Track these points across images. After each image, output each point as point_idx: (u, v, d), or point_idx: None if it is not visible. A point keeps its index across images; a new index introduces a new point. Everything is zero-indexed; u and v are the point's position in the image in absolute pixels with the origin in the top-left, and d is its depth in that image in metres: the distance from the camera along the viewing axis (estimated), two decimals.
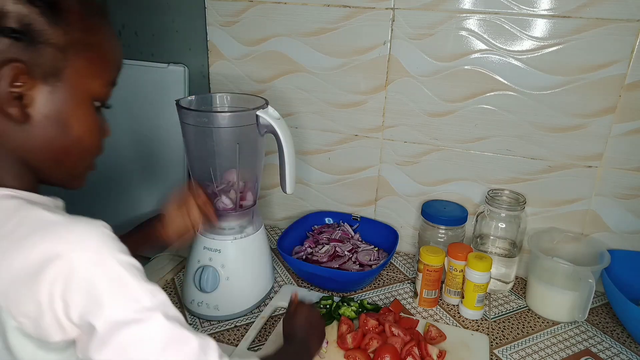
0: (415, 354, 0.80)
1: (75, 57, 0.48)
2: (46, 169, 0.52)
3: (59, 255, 0.43)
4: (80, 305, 0.43)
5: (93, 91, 0.52)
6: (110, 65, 0.54)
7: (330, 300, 0.95)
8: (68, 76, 0.48)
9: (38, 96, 0.48)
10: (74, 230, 0.45)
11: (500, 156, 1.05)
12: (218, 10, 1.15)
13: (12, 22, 0.44)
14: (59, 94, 0.48)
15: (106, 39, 0.52)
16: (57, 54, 0.47)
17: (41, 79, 0.47)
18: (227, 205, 0.92)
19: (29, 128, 0.48)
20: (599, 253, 0.98)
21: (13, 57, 0.45)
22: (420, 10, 1.00)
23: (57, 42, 0.47)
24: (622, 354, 0.88)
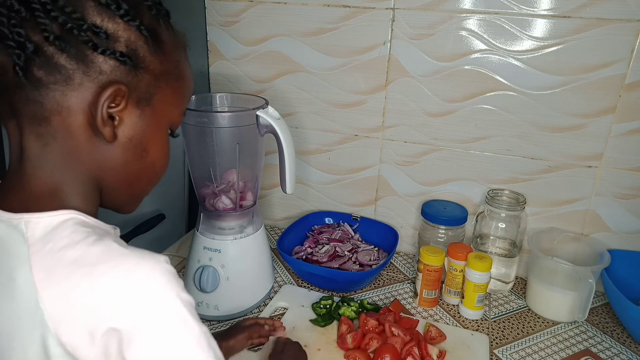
0: (415, 354, 0.80)
1: (165, 86, 0.51)
2: (114, 190, 0.53)
3: (125, 291, 0.42)
4: (138, 342, 0.42)
5: (171, 119, 0.54)
6: (187, 95, 0.56)
7: (330, 300, 0.95)
8: (156, 103, 0.51)
9: (127, 118, 0.49)
10: (142, 266, 0.44)
11: (500, 156, 1.05)
12: (218, 10, 1.15)
13: (122, 46, 0.46)
14: (145, 118, 0.50)
15: (187, 71, 0.55)
16: (152, 81, 0.49)
17: (134, 103, 0.49)
18: (227, 205, 0.92)
19: (111, 148, 0.49)
20: (599, 253, 0.98)
21: (117, 79, 0.46)
22: (420, 10, 1.00)
23: (154, 69, 0.49)
24: (622, 354, 0.88)
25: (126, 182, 0.53)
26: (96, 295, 0.42)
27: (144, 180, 0.55)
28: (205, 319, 0.93)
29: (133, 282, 0.43)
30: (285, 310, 0.96)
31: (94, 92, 0.46)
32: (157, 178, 0.57)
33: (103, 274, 0.43)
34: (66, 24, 0.43)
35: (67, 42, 0.43)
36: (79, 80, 0.45)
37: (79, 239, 0.45)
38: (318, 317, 0.93)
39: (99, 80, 0.46)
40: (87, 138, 0.48)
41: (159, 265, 0.45)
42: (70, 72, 0.45)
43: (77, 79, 0.45)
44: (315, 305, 0.95)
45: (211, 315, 0.92)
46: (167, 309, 0.44)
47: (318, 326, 0.91)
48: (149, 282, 0.44)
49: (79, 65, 0.45)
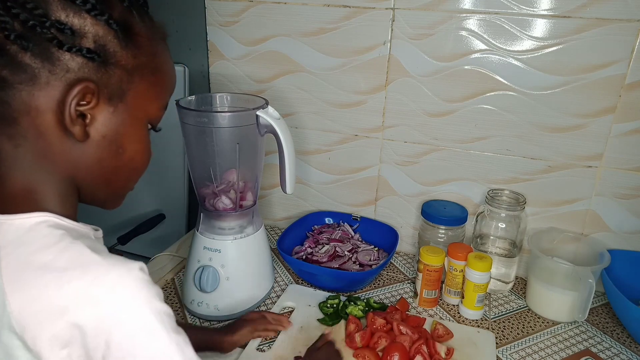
0: (424, 352, 0.81)
1: (140, 80, 0.49)
2: (93, 187, 0.52)
3: (92, 298, 0.42)
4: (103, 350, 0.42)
5: (149, 114, 0.53)
6: (168, 88, 0.55)
7: (337, 299, 0.96)
8: (130, 98, 0.49)
9: (99, 116, 0.48)
10: (111, 273, 0.43)
11: (500, 156, 1.05)
12: (218, 10, 1.15)
13: (89, 42, 0.45)
14: (119, 114, 0.49)
15: (167, 63, 0.54)
16: (125, 76, 0.48)
17: (106, 99, 0.47)
18: (227, 205, 0.92)
19: (84, 146, 0.48)
20: (599, 253, 0.98)
21: (85, 77, 0.45)
22: (420, 10, 1.00)
23: (127, 64, 0.48)
24: (622, 354, 0.88)
25: (103, 179, 0.52)
26: (63, 302, 0.41)
27: (123, 177, 0.54)
28: (205, 319, 0.93)
29: (100, 290, 0.42)
30: (292, 310, 0.96)
31: (62, 90, 0.44)
32: (138, 174, 0.55)
33: (71, 280, 0.42)
34: (28, 21, 0.42)
35: (30, 40, 0.42)
36: (45, 79, 0.44)
37: (51, 242, 0.44)
38: (325, 316, 0.93)
39: (66, 78, 0.44)
40: (59, 137, 0.46)
41: (130, 273, 0.44)
42: (36, 71, 0.43)
43: (43, 77, 0.44)
44: (322, 304, 0.95)
45: (211, 315, 0.92)
46: (134, 318, 0.43)
47: (326, 325, 0.91)
48: (117, 290, 0.43)
49: (45, 64, 0.43)
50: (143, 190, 1.32)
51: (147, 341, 0.43)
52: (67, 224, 0.47)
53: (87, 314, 0.41)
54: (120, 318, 0.42)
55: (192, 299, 0.92)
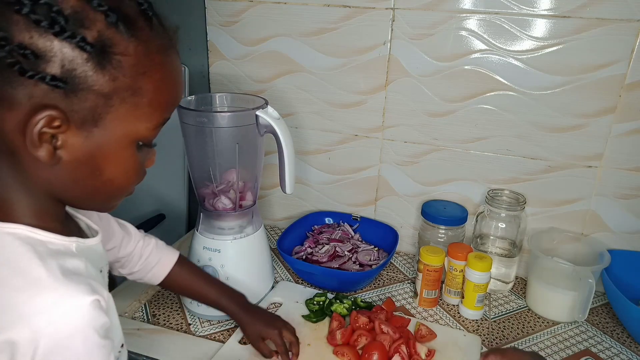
0: (402, 352, 0.80)
1: (120, 104, 0.45)
2: (75, 202, 0.51)
3: (33, 323, 0.42)
4: None
5: (138, 134, 0.48)
6: (163, 107, 0.49)
7: (323, 297, 0.96)
8: (108, 122, 0.45)
9: (71, 139, 0.44)
10: (49, 298, 0.43)
11: (500, 156, 1.05)
12: (218, 10, 1.15)
13: (54, 67, 0.41)
14: (94, 138, 0.45)
15: (164, 80, 0.48)
16: (99, 101, 0.44)
17: (77, 125, 0.44)
18: (226, 205, 0.92)
19: (57, 168, 0.46)
20: (599, 253, 0.98)
21: (50, 103, 0.42)
22: (420, 10, 1.00)
23: (102, 89, 0.43)
24: (622, 354, 0.88)
25: (83, 196, 0.50)
26: (7, 317, 0.42)
27: (104, 195, 0.51)
28: (205, 318, 0.93)
29: (38, 313, 0.42)
30: (280, 306, 0.96)
31: (26, 115, 0.42)
32: (122, 192, 0.52)
33: (22, 302, 0.43)
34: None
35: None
36: (9, 103, 0.42)
37: (12, 258, 0.44)
38: (310, 313, 0.93)
39: (30, 103, 0.41)
40: (30, 158, 0.44)
41: (75, 301, 0.44)
42: (1, 94, 0.41)
43: (6, 100, 0.42)
44: (309, 301, 0.95)
45: (211, 315, 0.92)
46: (64, 348, 0.43)
47: (310, 322, 0.91)
48: (54, 316, 0.43)
49: (7, 88, 0.41)
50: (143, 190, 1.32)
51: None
52: (40, 237, 0.47)
53: (23, 335, 0.42)
54: (53, 345, 0.43)
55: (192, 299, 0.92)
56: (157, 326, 0.90)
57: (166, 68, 0.48)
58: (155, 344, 0.85)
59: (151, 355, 0.83)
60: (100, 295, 0.46)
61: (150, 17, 0.46)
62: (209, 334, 0.89)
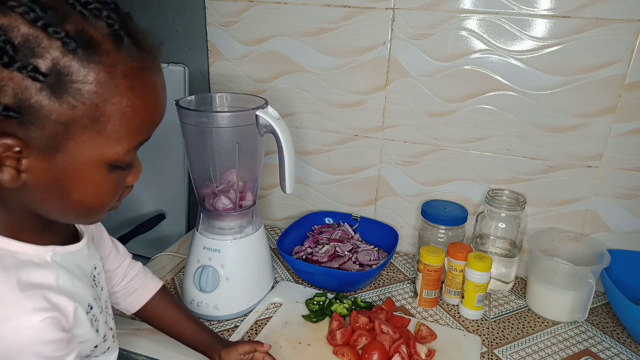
0: (402, 352, 0.80)
1: (81, 131, 0.42)
2: (52, 217, 0.50)
3: None
4: None
5: (107, 159, 0.46)
6: (136, 131, 0.46)
7: (323, 297, 0.96)
8: (71, 148, 0.43)
9: (34, 164, 0.43)
10: (7, 323, 0.44)
11: (500, 156, 1.05)
12: (218, 10, 1.15)
13: (7, 97, 0.39)
14: (59, 163, 0.44)
15: (134, 105, 0.44)
16: (58, 129, 0.42)
17: (38, 152, 0.43)
18: (226, 205, 0.92)
19: (26, 190, 0.45)
20: (599, 253, 0.98)
21: (5, 132, 0.41)
22: (420, 10, 1.00)
23: (58, 118, 0.41)
24: (622, 354, 0.88)
25: (57, 214, 0.49)
26: None
27: (77, 214, 0.50)
28: (205, 318, 0.93)
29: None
30: (280, 306, 0.96)
31: None
32: (97, 212, 0.50)
33: None
34: None
35: None
36: None
37: None
38: (310, 313, 0.93)
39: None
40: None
41: (25, 328, 0.44)
42: None
43: None
44: (309, 301, 0.95)
45: (211, 315, 0.92)
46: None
47: (310, 322, 0.91)
48: (6, 340, 0.43)
49: None
50: (143, 190, 1.32)
51: None
52: (11, 247, 0.47)
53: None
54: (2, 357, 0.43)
55: (191, 298, 0.92)
56: None
57: (135, 93, 0.44)
58: (155, 344, 0.85)
59: (151, 355, 0.83)
60: (58, 311, 0.47)
61: (121, 37, 0.43)
62: None
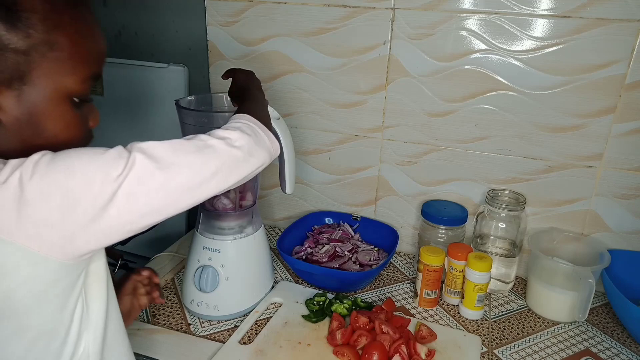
0: (402, 352, 0.80)
1: (41, 59, 0.47)
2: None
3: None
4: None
5: (68, 89, 0.50)
6: (86, 59, 0.51)
7: (324, 297, 0.96)
8: (35, 78, 0.47)
9: (4, 101, 0.47)
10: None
11: (500, 156, 1.05)
12: (218, 10, 1.15)
13: None
14: (27, 96, 0.47)
15: (79, 33, 0.49)
16: (19, 58, 0.46)
17: (5, 85, 0.46)
18: (226, 205, 0.92)
19: (2, 131, 0.48)
20: (599, 253, 0.98)
21: None
22: (420, 10, 1.00)
23: (18, 46, 0.45)
24: (622, 354, 0.88)
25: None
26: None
27: (54, 149, 0.52)
28: (205, 318, 0.93)
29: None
30: (280, 306, 0.96)
31: None
32: (71, 146, 0.52)
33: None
34: None
35: None
36: None
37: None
38: (310, 313, 0.93)
39: None
40: None
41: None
42: None
43: None
44: (309, 301, 0.95)
45: (211, 315, 0.92)
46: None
47: (310, 322, 0.91)
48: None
49: None
50: None
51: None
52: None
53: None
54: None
55: (191, 299, 0.92)
56: (157, 326, 0.90)
57: (79, 22, 0.49)
58: (155, 344, 0.85)
59: (151, 355, 0.83)
60: None
61: None
62: (209, 334, 0.89)
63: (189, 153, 0.51)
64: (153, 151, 0.49)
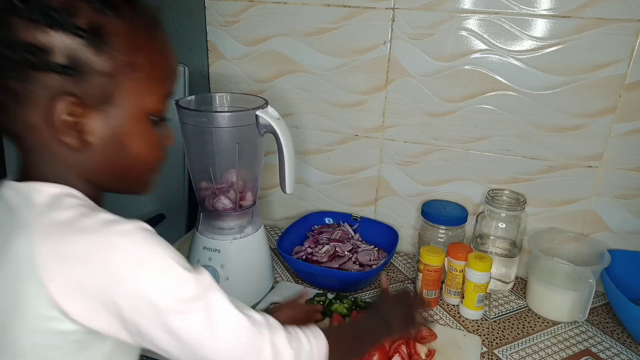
0: (402, 352, 0.80)
1: (125, 80, 0.49)
2: (109, 184, 0.54)
3: (109, 250, 0.45)
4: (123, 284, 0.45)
5: (148, 108, 0.52)
6: (163, 79, 0.53)
7: (324, 297, 0.96)
8: (120, 99, 0.49)
9: (93, 123, 0.48)
10: (121, 228, 0.47)
11: (500, 156, 1.05)
12: (218, 10, 1.15)
13: (59, 57, 0.44)
14: (112, 117, 0.49)
15: (157, 54, 0.52)
16: (106, 81, 0.47)
17: (93, 107, 0.48)
18: (226, 205, 0.92)
19: (87, 152, 0.49)
20: (599, 253, 0.98)
21: (64, 91, 0.46)
22: (420, 10, 1.00)
23: (105, 69, 0.47)
24: (622, 354, 0.88)
25: (116, 177, 0.54)
26: (83, 252, 0.45)
27: (135, 172, 0.55)
28: None
29: (110, 247, 0.45)
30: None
31: (46, 107, 0.46)
32: (151, 167, 0.56)
33: (91, 237, 0.46)
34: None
35: (5, 67, 0.44)
36: (29, 99, 0.46)
37: (77, 205, 0.48)
38: None
39: (48, 95, 0.45)
40: (60, 148, 0.48)
41: (138, 227, 0.47)
42: (21, 93, 0.45)
43: (27, 98, 0.46)
44: (309, 301, 0.95)
45: None
46: (145, 267, 0.46)
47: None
48: (129, 242, 0.46)
49: (25, 85, 0.45)
50: None
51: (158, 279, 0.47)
52: (89, 201, 0.51)
53: (106, 264, 0.45)
54: (132, 269, 0.46)
55: None
56: None
57: (156, 42, 0.52)
58: None
59: (152, 355, 0.83)
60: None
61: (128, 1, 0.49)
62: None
63: (242, 340, 0.52)
64: (221, 311, 0.52)
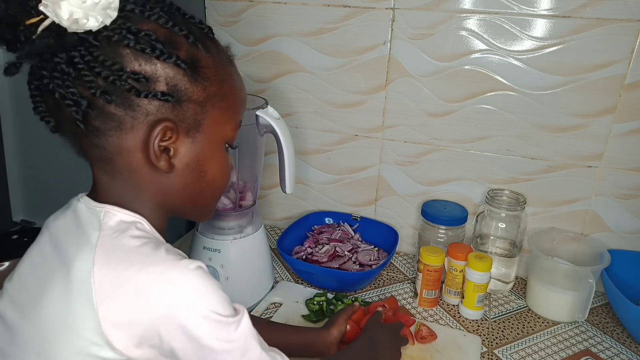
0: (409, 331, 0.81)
1: (212, 109, 0.53)
2: (182, 209, 0.58)
3: (162, 288, 0.47)
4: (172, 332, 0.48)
5: (225, 135, 0.56)
6: (239, 109, 0.58)
7: (324, 297, 0.96)
8: (206, 127, 0.53)
9: (181, 147, 0.52)
10: (176, 269, 0.48)
11: (500, 156, 1.05)
12: (218, 10, 1.15)
13: (162, 85, 0.49)
14: (197, 143, 0.53)
15: (235, 86, 0.56)
16: (198, 109, 0.52)
17: (185, 133, 0.52)
18: (226, 205, 0.92)
19: (171, 176, 0.53)
20: (599, 253, 0.98)
21: (163, 117, 0.50)
22: (420, 10, 1.00)
23: (198, 98, 0.51)
24: (622, 354, 0.88)
25: (190, 201, 0.57)
26: (140, 283, 0.46)
27: (208, 196, 0.59)
28: None
29: (168, 282, 0.47)
30: (280, 306, 0.96)
31: (145, 132, 0.50)
32: (220, 191, 0.60)
33: (151, 269, 0.47)
34: (108, 77, 0.46)
35: (111, 93, 0.47)
36: (130, 124, 0.49)
37: (143, 237, 0.50)
38: (310, 313, 0.93)
39: (147, 120, 0.49)
40: (148, 171, 0.52)
41: (194, 271, 0.49)
42: (121, 118, 0.49)
43: (128, 123, 0.49)
44: (309, 301, 0.95)
45: None
46: (193, 312, 0.48)
47: (310, 322, 0.91)
48: (182, 285, 0.48)
49: (127, 111, 0.48)
50: None
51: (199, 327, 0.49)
52: (156, 234, 0.54)
53: (158, 301, 0.47)
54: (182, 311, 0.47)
55: None
56: None
57: (235, 75, 0.57)
58: None
59: None
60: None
61: (213, 38, 0.55)
62: None
63: None
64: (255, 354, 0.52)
